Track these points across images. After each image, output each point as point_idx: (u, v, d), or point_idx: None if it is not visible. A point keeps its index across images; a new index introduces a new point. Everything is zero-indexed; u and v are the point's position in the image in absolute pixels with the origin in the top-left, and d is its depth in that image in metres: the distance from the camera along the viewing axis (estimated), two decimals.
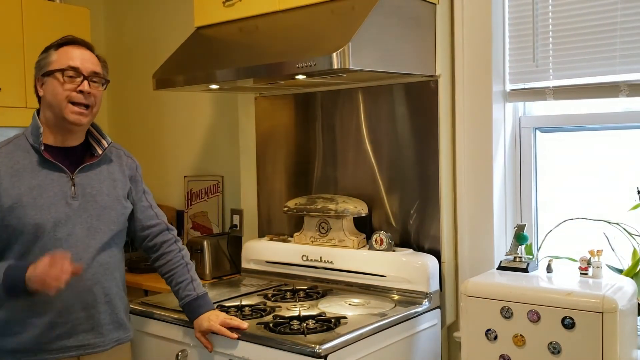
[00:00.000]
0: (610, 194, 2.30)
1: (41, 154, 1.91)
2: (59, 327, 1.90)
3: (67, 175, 1.94)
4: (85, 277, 1.91)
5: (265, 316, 2.20)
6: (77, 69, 1.91)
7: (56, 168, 1.93)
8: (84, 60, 1.93)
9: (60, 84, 1.90)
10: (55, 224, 1.88)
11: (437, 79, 2.42)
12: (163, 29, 3.63)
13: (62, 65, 1.91)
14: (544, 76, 2.36)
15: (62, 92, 1.90)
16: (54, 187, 1.91)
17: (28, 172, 1.90)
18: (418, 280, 2.36)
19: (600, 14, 2.21)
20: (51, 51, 1.94)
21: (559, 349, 1.84)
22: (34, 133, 1.93)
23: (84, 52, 1.96)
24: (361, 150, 2.65)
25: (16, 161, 1.90)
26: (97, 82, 1.96)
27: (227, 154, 3.36)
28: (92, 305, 1.94)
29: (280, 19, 2.43)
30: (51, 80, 1.91)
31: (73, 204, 1.92)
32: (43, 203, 1.88)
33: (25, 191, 1.87)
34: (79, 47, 1.96)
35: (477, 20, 2.40)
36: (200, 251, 3.02)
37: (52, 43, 1.97)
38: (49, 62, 1.92)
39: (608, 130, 2.34)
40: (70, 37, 1.98)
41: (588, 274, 2.01)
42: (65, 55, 1.92)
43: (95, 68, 1.95)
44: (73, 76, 1.91)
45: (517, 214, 2.50)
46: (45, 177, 1.91)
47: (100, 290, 1.96)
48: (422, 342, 2.30)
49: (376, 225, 2.63)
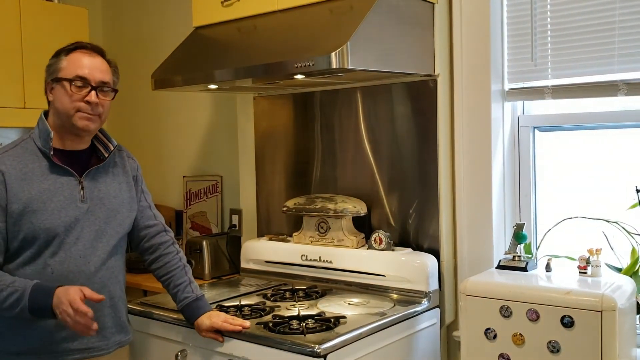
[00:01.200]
0: (609, 193, 2.31)
1: (50, 158, 1.90)
2: (64, 330, 1.89)
3: (75, 179, 1.93)
4: (93, 281, 1.91)
5: (264, 316, 2.20)
6: (85, 79, 1.89)
7: (65, 172, 1.92)
8: (93, 69, 1.91)
9: (68, 93, 1.89)
10: (66, 228, 1.88)
11: (435, 78, 2.42)
12: (161, 29, 3.63)
13: (70, 74, 1.89)
14: (543, 75, 2.36)
15: (69, 101, 1.89)
16: (64, 191, 1.90)
17: (37, 176, 1.89)
18: (417, 280, 2.37)
19: (599, 13, 2.21)
20: (62, 56, 1.92)
21: (558, 348, 1.84)
22: (43, 137, 1.91)
23: (94, 59, 1.93)
24: (360, 149, 2.65)
25: (25, 164, 1.89)
26: (106, 91, 1.94)
27: (226, 154, 3.35)
28: (98, 309, 1.93)
29: (279, 18, 2.43)
30: (60, 88, 1.90)
31: (82, 207, 1.92)
32: (54, 207, 1.87)
33: (36, 195, 1.86)
34: (90, 53, 1.94)
35: (476, 19, 2.40)
36: (200, 251, 3.02)
37: (64, 47, 1.95)
38: (58, 69, 1.91)
39: (607, 129, 2.34)
40: (82, 43, 1.96)
41: (587, 272, 2.01)
42: (74, 63, 1.90)
43: (104, 77, 1.93)
44: (81, 86, 1.89)
45: (516, 213, 2.50)
46: (55, 181, 1.90)
47: (106, 294, 1.95)
48: (421, 342, 2.30)
49: (375, 224, 2.63)
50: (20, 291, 1.80)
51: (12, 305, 1.80)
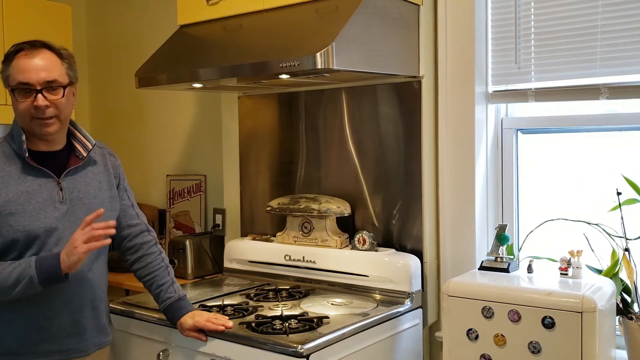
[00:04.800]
0: (590, 195, 2.33)
1: (26, 161, 1.87)
2: (44, 331, 1.87)
3: (54, 180, 1.90)
4: (74, 282, 1.88)
5: (247, 316, 2.20)
6: (27, 83, 1.81)
7: (42, 173, 1.89)
8: (35, 71, 1.81)
9: (17, 102, 1.84)
10: (46, 229, 1.85)
11: (420, 79, 2.43)
12: (146, 26, 3.61)
13: (13, 82, 1.83)
14: (526, 78, 2.38)
15: (21, 110, 1.84)
16: (42, 193, 1.87)
17: (15, 178, 1.86)
18: (400, 280, 2.37)
19: (581, 17, 2.23)
20: (8, 62, 1.86)
21: (539, 349, 1.86)
22: (17, 140, 1.88)
23: (36, 58, 1.82)
24: (344, 150, 2.66)
25: (1, 168, 1.86)
26: (54, 89, 1.84)
27: (210, 153, 3.34)
28: (79, 310, 1.92)
29: (265, 18, 2.43)
30: (11, 96, 1.86)
31: (61, 208, 1.89)
32: (32, 209, 1.84)
33: (13, 197, 1.83)
34: (29, 54, 1.83)
35: (461, 22, 2.41)
36: (183, 250, 3.00)
37: (8, 51, 1.86)
38: (6, 77, 1.85)
39: (589, 132, 2.36)
40: (21, 44, 1.85)
41: (568, 274, 2.03)
42: (16, 69, 1.82)
43: (49, 75, 1.82)
44: (26, 92, 1.82)
45: (499, 214, 2.51)
46: (32, 183, 1.87)
47: (88, 295, 1.94)
48: (404, 342, 2.31)
49: (359, 225, 2.63)
50: (23, 264, 1.78)
51: (18, 278, 1.76)
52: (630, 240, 2.09)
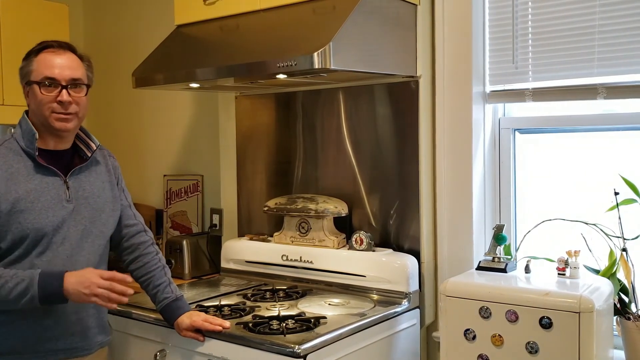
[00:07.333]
0: (587, 196, 2.33)
1: (35, 159, 1.89)
2: (49, 330, 1.88)
3: (61, 179, 1.92)
4: None
5: (244, 316, 2.19)
6: (53, 79, 1.87)
7: (50, 172, 1.91)
8: (62, 68, 1.88)
9: (39, 96, 1.87)
10: (54, 227, 1.87)
11: (417, 79, 2.43)
12: (143, 26, 3.60)
13: (38, 76, 1.87)
14: (524, 78, 2.37)
15: (42, 104, 1.87)
16: (50, 191, 1.89)
17: (23, 176, 1.87)
18: (397, 280, 2.37)
19: (579, 17, 2.23)
20: (31, 58, 1.90)
21: (537, 349, 1.86)
22: (27, 137, 1.89)
23: (62, 57, 1.90)
24: (342, 150, 2.65)
25: (10, 165, 1.87)
26: (78, 87, 1.91)
27: (207, 153, 3.34)
28: (83, 309, 1.94)
29: (262, 18, 2.42)
30: (32, 91, 1.89)
31: (68, 207, 1.91)
32: (41, 207, 1.86)
33: (23, 195, 1.85)
34: (57, 52, 1.90)
35: (458, 21, 2.41)
36: (180, 250, 3.00)
37: (32, 48, 1.92)
38: (28, 72, 1.89)
39: (586, 132, 2.36)
40: (48, 42, 1.92)
41: (565, 274, 2.03)
42: (42, 64, 1.88)
43: (74, 74, 1.90)
44: (51, 87, 1.87)
45: (496, 214, 2.51)
46: (41, 181, 1.89)
47: None
48: (401, 342, 2.31)
49: (356, 225, 2.63)
50: (27, 280, 1.78)
51: (20, 294, 1.77)
52: (628, 240, 2.09)
